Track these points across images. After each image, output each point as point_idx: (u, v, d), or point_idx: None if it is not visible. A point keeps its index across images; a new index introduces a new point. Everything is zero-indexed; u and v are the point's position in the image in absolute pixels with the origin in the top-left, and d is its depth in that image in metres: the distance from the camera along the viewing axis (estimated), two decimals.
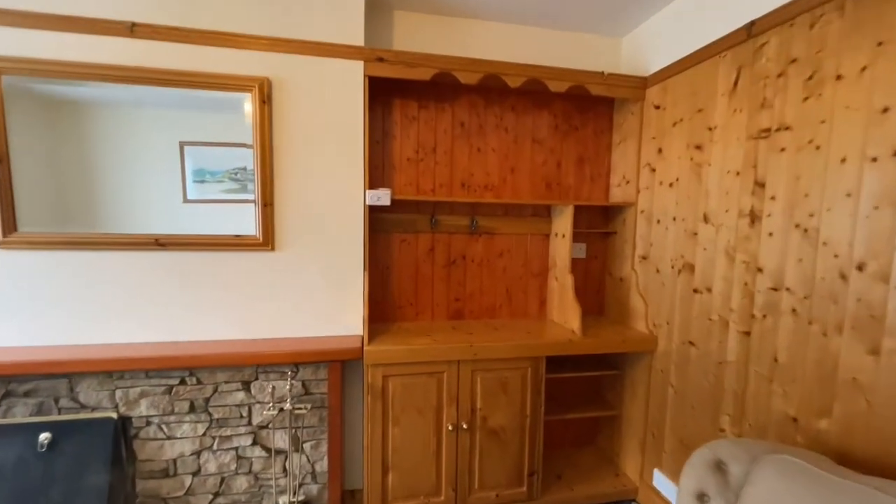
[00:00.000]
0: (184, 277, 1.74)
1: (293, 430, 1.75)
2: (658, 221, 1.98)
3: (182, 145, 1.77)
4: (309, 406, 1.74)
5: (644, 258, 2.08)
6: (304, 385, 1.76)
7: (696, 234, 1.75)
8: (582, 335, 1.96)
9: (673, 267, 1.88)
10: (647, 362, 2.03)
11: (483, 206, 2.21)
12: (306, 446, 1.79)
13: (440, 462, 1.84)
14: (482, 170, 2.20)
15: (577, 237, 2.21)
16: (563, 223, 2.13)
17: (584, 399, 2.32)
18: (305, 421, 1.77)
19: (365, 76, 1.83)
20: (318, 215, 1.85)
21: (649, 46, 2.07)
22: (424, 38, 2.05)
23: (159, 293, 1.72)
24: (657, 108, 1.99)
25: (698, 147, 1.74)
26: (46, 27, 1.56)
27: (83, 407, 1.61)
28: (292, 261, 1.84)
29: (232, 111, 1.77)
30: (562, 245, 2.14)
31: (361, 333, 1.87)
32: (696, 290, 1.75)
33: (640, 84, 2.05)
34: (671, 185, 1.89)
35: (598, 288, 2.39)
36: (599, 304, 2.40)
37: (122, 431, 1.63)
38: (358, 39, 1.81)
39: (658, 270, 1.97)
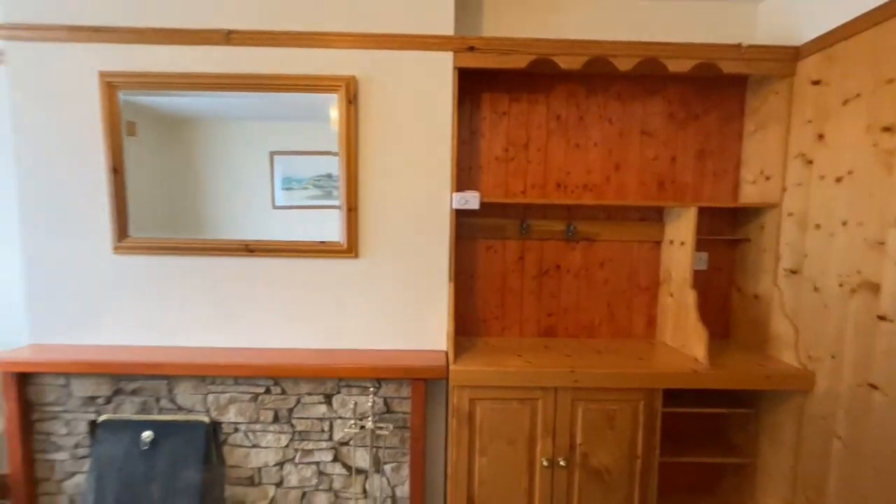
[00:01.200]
0: (271, 284, 1.72)
1: (374, 450, 1.64)
2: (817, 227, 1.56)
3: (272, 155, 1.82)
4: (391, 426, 1.61)
5: (794, 272, 1.66)
6: (385, 403, 1.64)
7: (882, 243, 1.33)
8: (709, 365, 1.61)
9: (842, 285, 1.46)
10: (796, 403, 1.61)
11: (582, 208, 1.94)
12: (387, 468, 1.67)
13: (532, 501, 1.61)
14: (581, 168, 1.94)
15: (696, 245, 1.85)
16: (681, 228, 1.79)
17: (702, 438, 1.94)
18: (387, 441, 1.65)
19: (454, 68, 1.68)
20: (403, 220, 1.73)
21: (799, 9, 1.66)
22: (517, 21, 1.85)
23: (248, 299, 1.72)
24: (816, 83, 1.57)
25: (888, 129, 1.32)
26: (153, 41, 1.62)
27: (180, 409, 1.65)
28: (375, 269, 1.74)
29: (317, 119, 1.74)
30: (680, 254, 1.79)
31: (445, 349, 1.72)
32: (882, 318, 1.32)
33: (791, 55, 1.65)
34: (839, 179, 1.48)
35: (721, 306, 1.99)
36: (724, 326, 2.00)
37: (213, 436, 1.64)
38: (447, 28, 1.66)
39: (817, 289, 1.56)
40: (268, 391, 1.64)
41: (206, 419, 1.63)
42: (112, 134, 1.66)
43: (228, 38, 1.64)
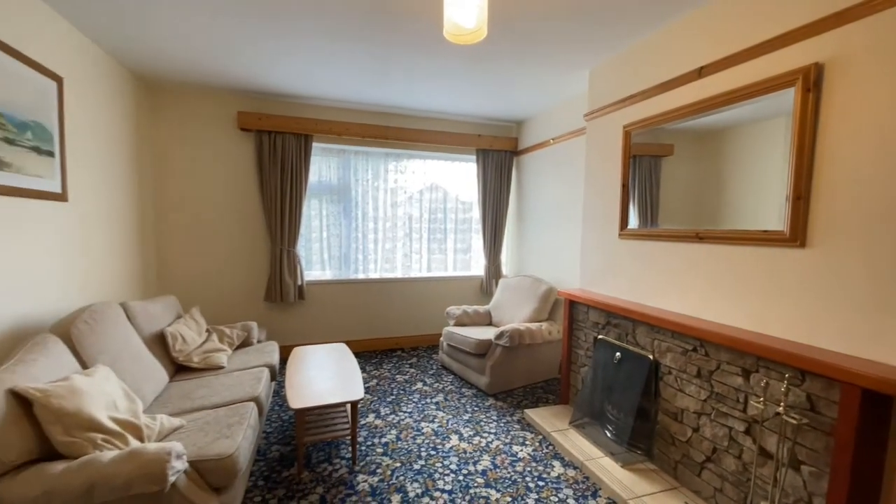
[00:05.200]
0: (711, 266, 2.04)
1: (789, 443, 1.58)
2: None
3: None
4: (806, 422, 1.49)
5: None
6: (809, 399, 1.52)
7: None
8: None
9: None
10: None
11: None
12: (805, 470, 1.54)
13: None
14: None
15: None
16: None
17: None
18: (806, 441, 1.53)
19: None
20: (880, 208, 1.48)
21: None
22: None
23: (692, 276, 2.14)
24: None
25: None
26: (651, 96, 2.41)
27: (637, 344, 2.37)
28: (824, 260, 1.61)
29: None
30: None
31: None
32: None
33: None
34: None
35: None
36: None
37: (654, 370, 2.23)
38: None
39: None
40: (695, 350, 2.00)
41: (650, 357, 2.25)
42: (624, 162, 2.63)
43: (700, 73, 2.13)
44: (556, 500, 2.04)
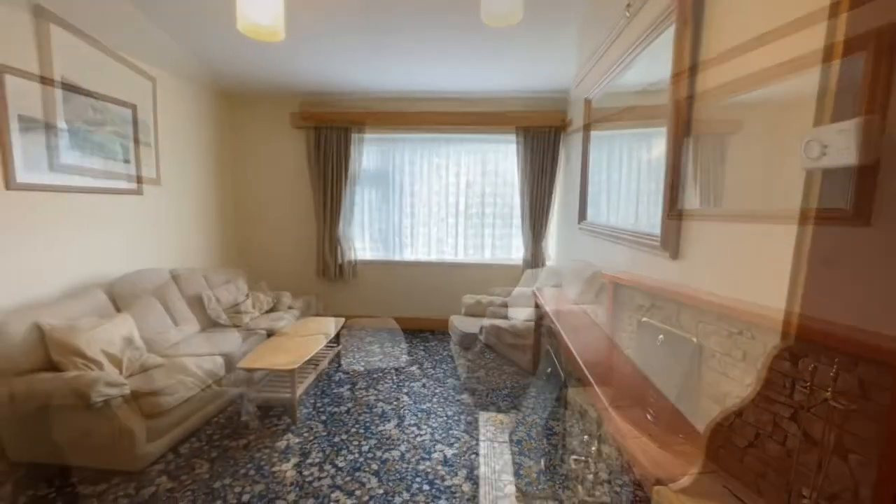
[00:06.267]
0: (761, 248, 1.94)
1: (836, 430, 1.50)
2: None
3: None
4: (854, 408, 1.42)
5: None
6: (861, 384, 1.44)
7: None
8: None
9: None
10: None
11: None
12: (852, 459, 1.47)
13: None
14: None
15: None
16: None
17: None
18: (855, 428, 1.45)
19: None
20: None
21: None
22: None
23: (740, 258, 2.05)
24: None
25: None
26: (701, 70, 2.29)
27: (681, 327, 2.31)
28: (891, 239, 1.49)
29: None
30: None
31: None
32: None
33: None
34: None
35: None
36: None
37: (698, 353, 2.18)
38: None
39: None
40: (740, 333, 1.93)
41: (694, 339, 2.19)
42: (676, 138, 2.53)
43: (761, 40, 1.99)
44: (589, 472, 2.10)
